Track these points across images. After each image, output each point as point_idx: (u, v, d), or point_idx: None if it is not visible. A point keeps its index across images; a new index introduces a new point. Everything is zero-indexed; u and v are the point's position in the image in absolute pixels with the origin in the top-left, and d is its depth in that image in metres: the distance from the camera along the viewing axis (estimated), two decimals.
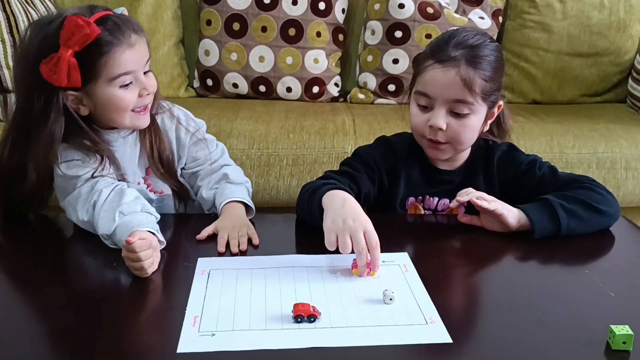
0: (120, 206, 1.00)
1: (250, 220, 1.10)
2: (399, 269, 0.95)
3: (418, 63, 1.16)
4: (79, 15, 0.97)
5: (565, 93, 2.32)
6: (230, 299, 0.86)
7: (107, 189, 1.04)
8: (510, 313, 0.83)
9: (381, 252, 0.99)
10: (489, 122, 1.17)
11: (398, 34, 2.20)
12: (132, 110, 1.07)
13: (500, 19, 2.31)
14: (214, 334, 0.78)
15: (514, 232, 1.06)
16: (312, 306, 0.82)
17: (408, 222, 1.12)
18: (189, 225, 1.08)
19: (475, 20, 2.25)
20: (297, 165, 1.73)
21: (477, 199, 1.06)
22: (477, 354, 0.75)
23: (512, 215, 1.06)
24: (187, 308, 0.83)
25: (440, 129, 1.10)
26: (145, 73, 1.08)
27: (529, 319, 0.81)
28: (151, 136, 1.14)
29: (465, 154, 1.21)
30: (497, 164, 1.19)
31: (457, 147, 1.15)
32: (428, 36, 2.20)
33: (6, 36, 1.84)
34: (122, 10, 1.06)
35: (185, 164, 1.22)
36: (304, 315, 0.80)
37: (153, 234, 0.97)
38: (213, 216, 1.12)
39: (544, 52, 2.28)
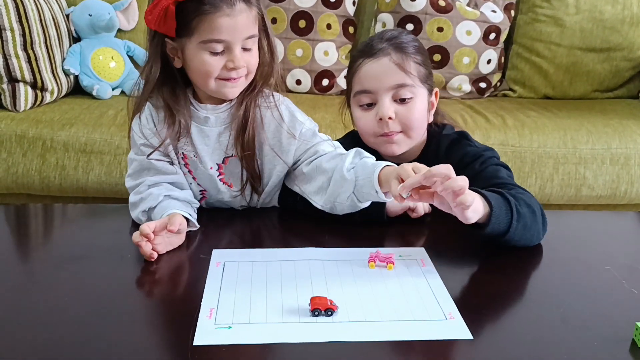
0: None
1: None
2: (416, 264, 0.94)
3: (350, 68, 1.17)
4: None
5: (577, 88, 2.30)
6: (246, 291, 0.85)
7: (158, 197, 1.04)
8: (532, 309, 0.82)
9: (397, 246, 0.98)
10: (432, 112, 1.17)
11: (409, 27, 2.18)
12: (220, 78, 1.02)
13: (512, 12, 2.29)
14: (230, 327, 0.76)
15: None
16: (330, 300, 0.80)
17: (426, 216, 1.10)
18: (204, 217, 1.07)
19: (487, 13, 2.23)
20: None
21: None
22: (498, 350, 0.74)
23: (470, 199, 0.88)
24: (202, 300, 0.82)
25: (390, 118, 1.10)
26: (247, 50, 1.02)
27: (551, 316, 0.79)
28: (244, 123, 1.06)
29: (417, 148, 1.18)
30: (445, 153, 1.15)
31: (410, 134, 1.13)
32: (440, 29, 2.18)
33: (15, 25, 1.82)
34: None
35: (292, 164, 1.12)
36: (322, 308, 0.79)
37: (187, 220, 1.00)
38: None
39: (556, 47, 2.26)
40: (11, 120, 1.79)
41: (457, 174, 1.06)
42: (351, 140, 1.22)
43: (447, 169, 0.86)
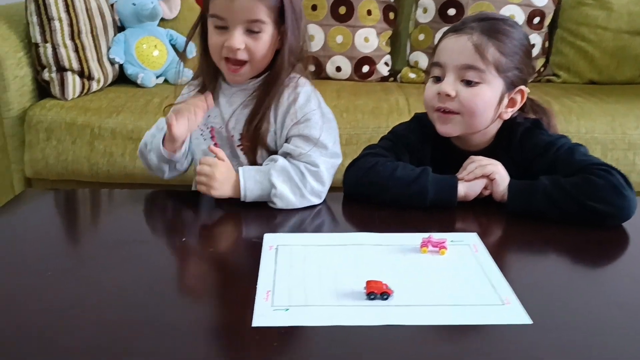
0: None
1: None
2: (468, 249, 0.93)
3: (438, 40, 1.16)
4: None
5: (624, 73, 2.24)
6: (301, 275, 0.86)
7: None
8: (592, 295, 0.81)
9: (449, 232, 0.98)
10: (510, 110, 1.12)
11: (451, 11, 2.15)
12: (225, 57, 1.07)
13: None
14: (287, 309, 0.77)
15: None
16: (385, 284, 0.81)
17: (476, 202, 1.09)
18: (254, 202, 1.08)
19: None
20: (350, 145, 1.71)
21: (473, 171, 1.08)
22: (559, 335, 0.73)
23: (502, 184, 1.06)
24: (258, 282, 0.83)
25: (449, 95, 1.08)
26: (252, 33, 1.05)
27: (611, 301, 0.78)
28: (253, 113, 1.11)
29: (488, 135, 1.15)
30: (518, 142, 1.13)
31: (468, 120, 1.10)
32: None
33: (63, 15, 1.86)
34: None
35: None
36: (377, 292, 0.79)
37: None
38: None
39: (602, 31, 2.20)
40: (60, 108, 1.84)
41: (532, 163, 1.12)
42: (416, 123, 1.22)
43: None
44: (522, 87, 1.11)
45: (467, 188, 1.08)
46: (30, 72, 1.88)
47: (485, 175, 1.08)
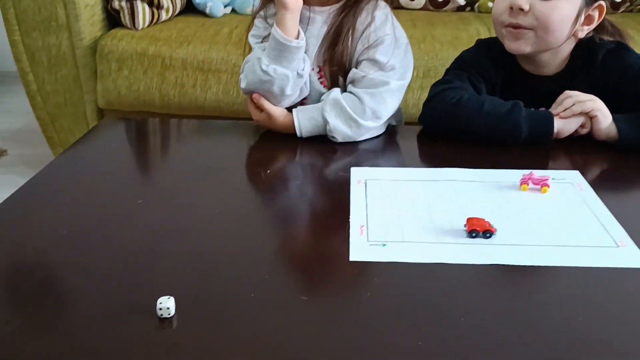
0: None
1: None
2: (571, 187, 0.87)
3: None
4: None
5: None
6: (394, 211, 0.82)
7: None
8: None
9: (549, 169, 0.92)
10: (587, 28, 1.03)
11: None
12: None
13: None
14: (384, 244, 0.74)
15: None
16: (487, 221, 0.76)
17: (571, 139, 1.02)
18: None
19: None
20: (428, 78, 1.63)
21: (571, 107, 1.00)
22: None
23: (605, 121, 0.98)
24: (350, 217, 0.80)
25: (522, 10, 0.99)
26: None
27: None
28: (335, 37, 1.06)
29: (561, 56, 1.07)
30: (600, 64, 1.04)
31: (542, 36, 1.01)
32: None
33: None
34: None
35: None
36: (480, 230, 0.75)
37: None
38: None
39: None
40: (131, 38, 1.82)
41: (620, 89, 1.02)
42: (483, 48, 1.15)
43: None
44: (602, 1, 1.03)
45: (562, 125, 1.01)
46: (100, 0, 1.86)
47: (584, 113, 1.00)
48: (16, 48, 1.83)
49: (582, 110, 0.99)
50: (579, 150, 1.01)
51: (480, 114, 1.01)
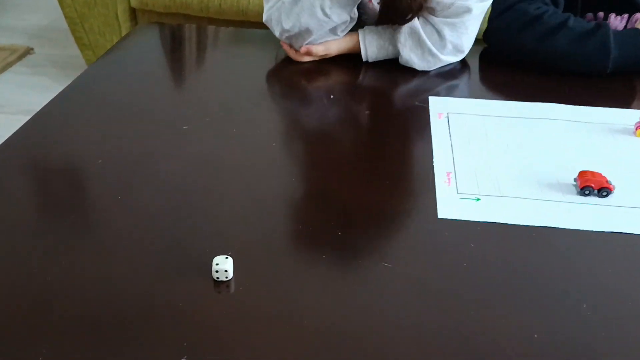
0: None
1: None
2: None
3: None
4: None
5: None
6: (486, 154, 0.69)
7: None
8: None
9: None
10: None
11: None
12: None
13: None
14: (478, 199, 0.62)
15: None
16: (604, 177, 0.63)
17: None
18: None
19: None
20: None
21: None
22: None
23: None
24: (434, 161, 0.67)
25: None
26: None
27: None
28: None
29: None
30: None
31: None
32: None
33: None
34: None
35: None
36: (595, 187, 0.62)
37: None
38: None
39: None
40: None
41: None
42: None
43: None
44: None
45: None
46: None
47: None
48: None
49: None
50: None
51: (563, 30, 0.87)
